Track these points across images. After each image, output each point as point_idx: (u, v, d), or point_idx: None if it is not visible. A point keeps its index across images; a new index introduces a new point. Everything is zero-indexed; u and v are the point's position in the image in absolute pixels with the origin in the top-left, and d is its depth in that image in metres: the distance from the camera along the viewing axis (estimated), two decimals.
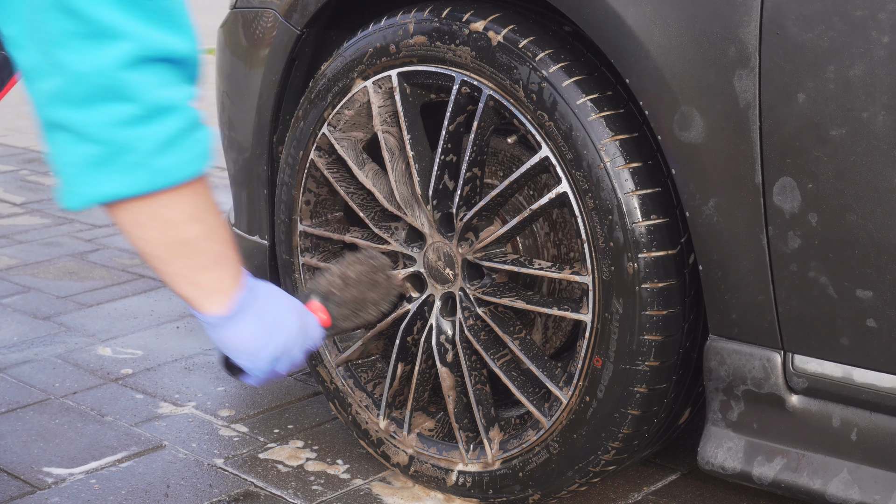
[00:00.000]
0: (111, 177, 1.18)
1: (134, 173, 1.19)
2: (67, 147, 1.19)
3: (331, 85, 2.05)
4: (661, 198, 1.72)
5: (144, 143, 1.18)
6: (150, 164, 1.19)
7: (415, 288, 2.05)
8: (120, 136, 1.17)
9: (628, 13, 1.63)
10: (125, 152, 1.18)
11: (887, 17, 1.42)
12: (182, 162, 1.22)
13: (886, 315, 1.51)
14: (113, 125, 1.17)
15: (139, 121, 1.18)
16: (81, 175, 1.19)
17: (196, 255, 1.28)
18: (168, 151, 1.20)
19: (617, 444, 1.80)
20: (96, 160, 1.18)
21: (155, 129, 1.19)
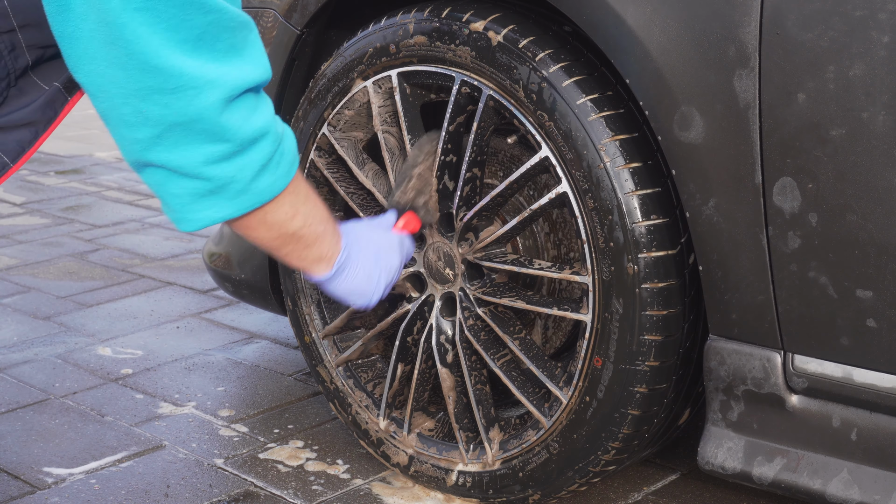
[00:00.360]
0: (217, 205, 1.30)
1: (239, 198, 1.30)
2: (169, 182, 1.29)
3: (331, 85, 2.05)
4: (661, 198, 1.72)
5: (245, 173, 1.28)
6: (253, 188, 1.30)
7: (415, 288, 2.05)
8: (220, 172, 1.26)
9: (628, 13, 1.63)
10: (228, 184, 1.28)
11: (887, 17, 1.42)
12: (279, 176, 1.33)
13: (886, 315, 1.51)
14: (211, 163, 1.26)
15: (237, 155, 1.27)
16: (189, 205, 1.30)
17: (299, 240, 1.45)
18: (266, 172, 1.31)
19: (617, 444, 1.80)
20: (201, 193, 1.28)
21: (252, 158, 1.28)
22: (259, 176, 1.31)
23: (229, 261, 2.45)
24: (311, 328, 2.19)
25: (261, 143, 1.29)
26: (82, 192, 4.54)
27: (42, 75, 1.48)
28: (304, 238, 1.46)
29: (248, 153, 1.28)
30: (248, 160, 1.28)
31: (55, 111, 1.64)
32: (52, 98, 1.53)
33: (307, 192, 1.44)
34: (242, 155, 1.27)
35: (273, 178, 1.33)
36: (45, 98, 1.58)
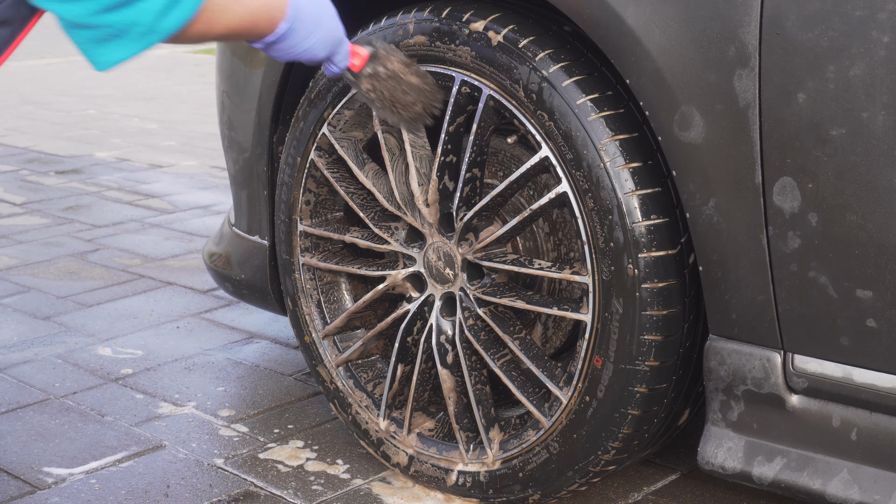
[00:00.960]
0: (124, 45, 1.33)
1: (145, 38, 1.34)
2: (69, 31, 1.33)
3: (331, 85, 2.05)
4: (661, 198, 1.72)
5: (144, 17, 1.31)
6: (158, 28, 1.33)
7: (415, 288, 2.05)
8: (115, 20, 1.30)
9: (628, 13, 1.63)
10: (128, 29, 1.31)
11: (887, 17, 1.42)
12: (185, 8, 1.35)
13: (886, 315, 1.51)
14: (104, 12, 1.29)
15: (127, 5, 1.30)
16: (94, 49, 1.34)
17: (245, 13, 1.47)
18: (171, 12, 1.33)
19: (617, 444, 1.80)
20: (103, 38, 1.32)
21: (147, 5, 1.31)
22: (164, 15, 1.32)
23: (229, 261, 2.45)
24: (311, 328, 2.19)
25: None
26: (82, 192, 4.54)
27: None
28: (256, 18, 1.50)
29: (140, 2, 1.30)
30: (144, 7, 1.30)
31: (31, 9, 1.64)
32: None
33: None
34: (133, 4, 1.29)
35: (180, 10, 1.34)
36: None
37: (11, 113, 6.45)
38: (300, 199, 2.14)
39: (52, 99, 7.13)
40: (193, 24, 1.38)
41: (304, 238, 2.16)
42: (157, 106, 6.81)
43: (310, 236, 2.16)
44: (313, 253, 2.17)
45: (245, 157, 2.31)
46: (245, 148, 2.30)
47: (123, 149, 5.46)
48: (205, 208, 4.26)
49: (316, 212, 2.16)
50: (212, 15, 1.41)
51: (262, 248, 2.31)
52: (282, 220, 2.19)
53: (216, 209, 4.23)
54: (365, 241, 2.08)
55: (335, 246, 2.19)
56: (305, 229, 2.15)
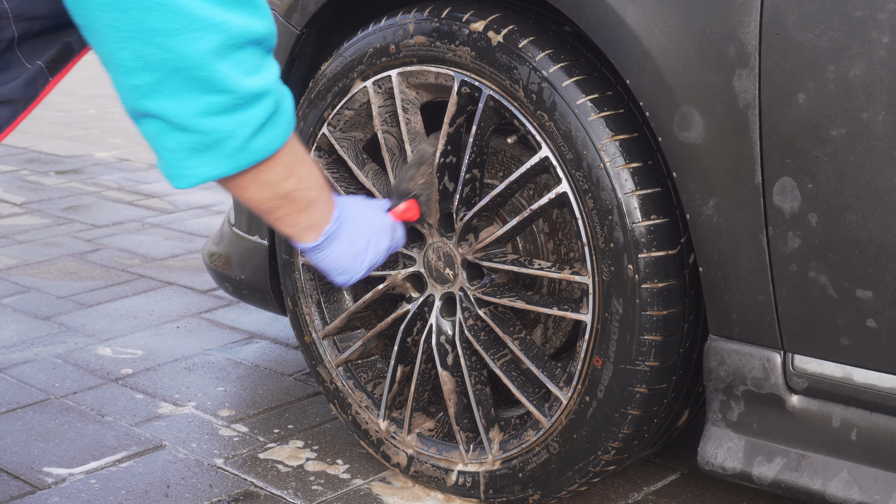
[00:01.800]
0: (213, 161, 1.26)
1: (235, 156, 1.27)
2: (164, 136, 1.25)
3: (331, 85, 2.05)
4: (661, 198, 1.72)
5: (243, 129, 1.25)
6: (249, 146, 1.27)
7: (415, 288, 2.05)
8: (217, 125, 1.23)
9: (628, 13, 1.63)
10: (225, 140, 1.25)
11: (887, 17, 1.42)
12: (276, 136, 1.30)
13: (886, 315, 1.51)
14: (209, 115, 1.23)
15: (236, 109, 1.24)
16: (183, 161, 1.26)
17: (292, 204, 1.42)
18: (265, 130, 1.27)
19: (617, 444, 1.80)
20: (196, 147, 1.25)
21: (252, 114, 1.25)
22: (258, 134, 1.27)
23: (229, 261, 2.45)
24: (311, 328, 2.19)
25: (262, 100, 1.26)
26: (82, 192, 4.54)
27: (26, 52, 1.44)
28: (297, 202, 1.43)
29: (247, 109, 1.25)
30: (248, 116, 1.25)
31: (35, 91, 1.62)
32: (33, 77, 1.51)
33: (303, 155, 1.41)
34: (242, 110, 1.24)
35: (271, 136, 1.29)
36: (27, 76, 1.55)
37: None
38: None
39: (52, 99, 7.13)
40: (274, 164, 1.34)
41: None
42: None
43: None
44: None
45: None
46: None
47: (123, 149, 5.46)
48: (205, 208, 4.26)
49: None
50: (291, 161, 1.37)
51: (261, 248, 2.31)
52: None
53: (216, 209, 4.23)
54: None
55: None
56: None
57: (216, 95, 1.22)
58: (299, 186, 1.41)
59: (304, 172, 1.41)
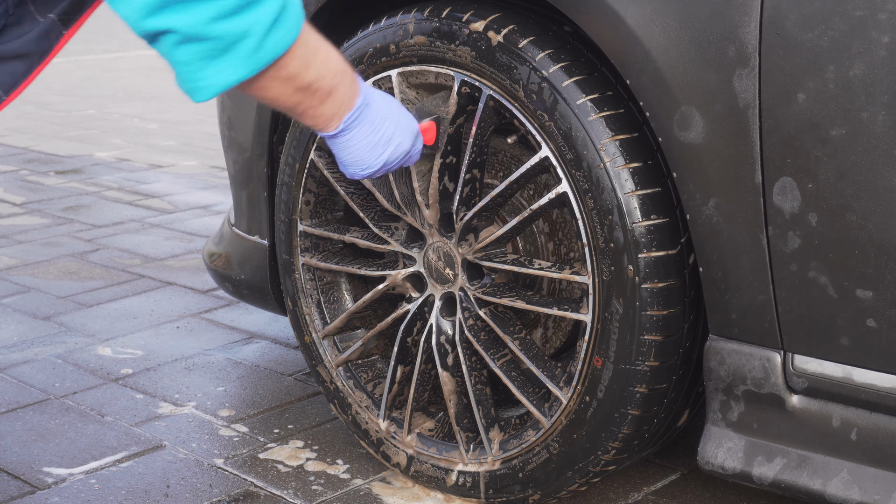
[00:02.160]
0: (231, 66, 1.25)
1: (252, 57, 1.25)
2: (178, 49, 1.23)
3: None
4: (661, 198, 1.72)
5: (256, 28, 1.24)
6: (265, 44, 1.25)
7: (415, 288, 2.05)
8: (231, 28, 1.22)
9: (628, 13, 1.63)
10: (240, 41, 1.23)
11: (887, 17, 1.42)
12: (289, 30, 1.28)
13: (886, 315, 1.51)
14: (221, 19, 1.21)
15: (244, 9, 1.22)
16: (201, 71, 1.25)
17: (315, 95, 1.41)
18: (277, 28, 1.25)
19: (617, 444, 1.80)
20: (212, 54, 1.23)
21: (263, 11, 1.23)
22: (271, 30, 1.26)
23: (229, 261, 2.45)
24: (311, 328, 2.19)
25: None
26: (82, 192, 4.54)
27: (38, 5, 1.44)
28: (319, 91, 1.42)
29: (258, 6, 1.23)
30: (260, 14, 1.24)
31: (50, 44, 1.62)
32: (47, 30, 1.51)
33: (317, 43, 1.38)
34: (252, 8, 1.23)
35: (284, 31, 1.27)
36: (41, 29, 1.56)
37: (11, 113, 6.44)
38: (300, 199, 2.14)
39: (52, 99, 7.13)
40: (290, 58, 1.33)
41: (304, 238, 2.16)
42: (157, 106, 6.81)
43: (310, 236, 2.16)
44: (313, 253, 2.17)
45: (245, 157, 2.31)
46: (245, 148, 2.30)
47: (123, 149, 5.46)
48: (205, 208, 4.26)
49: (316, 212, 2.16)
50: (306, 52, 1.35)
51: (262, 248, 2.31)
52: (282, 221, 2.19)
53: (216, 209, 4.23)
54: (365, 241, 2.08)
55: (335, 246, 2.19)
56: (305, 229, 2.15)
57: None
58: (319, 76, 1.39)
59: (320, 61, 1.39)
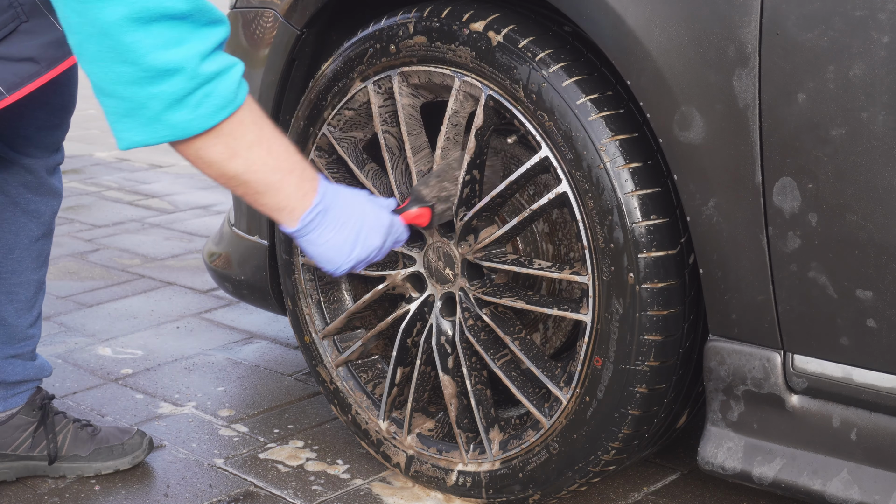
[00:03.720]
0: (135, 127, 1.30)
1: (152, 126, 1.29)
2: (98, 95, 1.31)
3: (331, 85, 2.05)
4: (661, 198, 1.72)
5: (153, 102, 1.27)
6: (165, 119, 1.29)
7: (415, 288, 2.05)
8: (131, 94, 1.27)
9: (628, 13, 1.63)
10: (139, 109, 1.28)
11: (887, 17, 1.42)
12: (200, 115, 1.31)
13: (886, 315, 1.51)
14: (121, 83, 1.27)
15: (143, 81, 1.26)
16: (115, 123, 1.31)
17: (246, 185, 1.43)
18: (180, 108, 1.29)
19: (617, 444, 1.80)
20: (121, 112, 1.29)
21: (161, 89, 1.27)
22: (172, 109, 1.29)
23: (229, 261, 2.45)
24: (311, 328, 2.19)
25: (174, 77, 1.27)
26: (82, 192, 4.54)
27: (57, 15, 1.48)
28: (251, 184, 1.43)
29: (157, 83, 1.27)
30: (158, 90, 1.27)
31: (64, 53, 1.65)
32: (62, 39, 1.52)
33: (254, 140, 1.40)
34: (151, 83, 1.27)
35: (191, 116, 1.30)
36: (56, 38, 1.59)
37: None
38: None
39: None
40: (209, 144, 1.36)
41: None
42: None
43: None
44: None
45: None
46: None
47: None
48: (205, 208, 4.26)
49: None
50: (233, 143, 1.37)
51: (262, 248, 2.31)
52: None
53: (216, 209, 4.23)
54: None
55: None
56: None
57: (125, 66, 1.25)
58: (249, 169, 1.41)
59: (253, 156, 1.40)
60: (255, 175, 1.42)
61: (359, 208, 1.61)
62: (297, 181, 1.48)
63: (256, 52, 2.21)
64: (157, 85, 1.27)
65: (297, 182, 1.48)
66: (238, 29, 2.27)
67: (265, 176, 1.44)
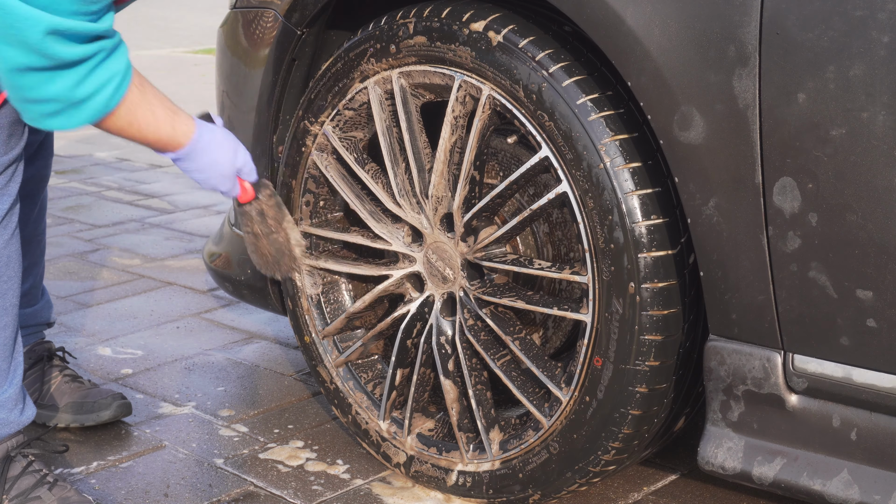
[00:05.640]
0: (27, 118, 1.70)
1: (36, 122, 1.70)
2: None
3: (331, 85, 2.05)
4: (661, 198, 1.72)
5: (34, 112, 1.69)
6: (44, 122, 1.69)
7: (415, 288, 2.05)
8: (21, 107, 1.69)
9: (628, 13, 1.63)
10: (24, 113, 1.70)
11: (887, 17, 1.42)
12: (73, 122, 1.69)
13: (886, 315, 1.51)
14: (13, 100, 1.68)
15: (27, 103, 1.68)
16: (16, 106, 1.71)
17: (139, 138, 1.83)
18: (55, 118, 1.68)
19: (617, 444, 1.80)
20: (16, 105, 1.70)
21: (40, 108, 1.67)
22: (48, 118, 1.68)
23: (229, 261, 2.45)
24: (311, 328, 2.19)
25: (49, 103, 1.66)
26: (82, 192, 4.54)
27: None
28: (150, 139, 1.83)
29: (37, 105, 1.67)
30: (38, 108, 1.67)
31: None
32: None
33: (141, 111, 1.77)
34: (33, 104, 1.66)
35: (66, 122, 1.68)
36: None
37: None
38: (300, 199, 2.14)
39: None
40: (113, 118, 1.74)
41: (304, 238, 2.16)
42: None
43: (309, 236, 2.16)
44: (313, 253, 2.17)
45: None
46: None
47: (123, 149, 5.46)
48: (205, 208, 4.26)
49: (315, 212, 2.16)
50: (127, 116, 1.76)
51: None
52: None
53: (216, 209, 4.23)
54: (365, 241, 2.08)
55: (335, 246, 2.19)
56: (305, 229, 2.15)
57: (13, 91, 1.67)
58: (143, 132, 1.80)
59: (141, 119, 1.79)
60: (149, 131, 1.82)
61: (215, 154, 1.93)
62: (175, 124, 1.85)
63: (256, 52, 2.21)
64: (38, 106, 1.67)
65: (177, 124, 1.85)
66: (238, 29, 2.27)
67: (156, 130, 1.82)
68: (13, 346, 1.94)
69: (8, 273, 1.91)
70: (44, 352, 2.35)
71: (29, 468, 1.98)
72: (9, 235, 1.90)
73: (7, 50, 1.59)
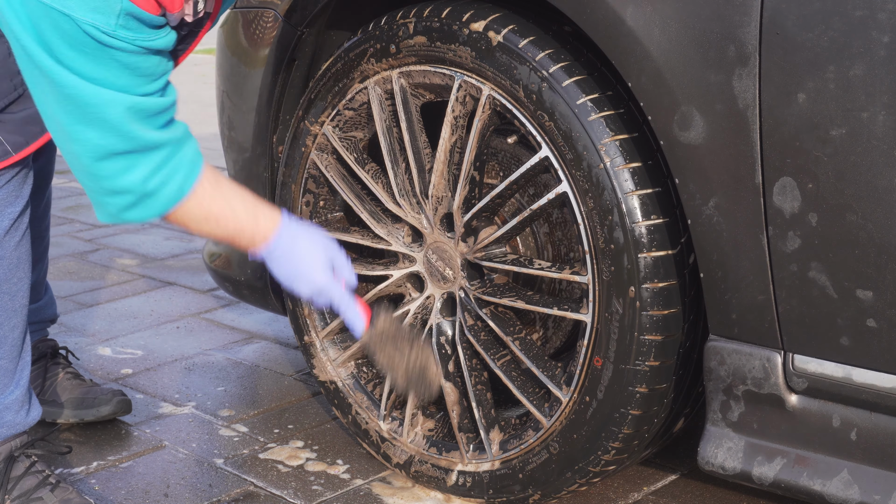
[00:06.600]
0: (101, 214, 1.64)
1: (112, 217, 1.65)
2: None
3: (331, 85, 2.05)
4: (661, 198, 1.72)
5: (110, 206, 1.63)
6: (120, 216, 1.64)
7: (415, 288, 2.05)
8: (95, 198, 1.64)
9: (628, 13, 1.63)
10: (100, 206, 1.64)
11: (887, 17, 1.42)
12: (147, 214, 1.63)
13: (886, 315, 1.51)
14: (89, 191, 1.64)
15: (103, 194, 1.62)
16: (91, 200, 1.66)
17: (220, 234, 1.72)
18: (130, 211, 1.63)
19: (617, 444, 1.80)
20: (92, 200, 1.64)
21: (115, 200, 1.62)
22: (124, 211, 1.62)
23: (229, 261, 2.45)
24: (311, 328, 2.19)
25: (124, 195, 1.60)
26: (82, 192, 4.54)
27: None
28: (225, 233, 1.71)
29: (112, 197, 1.61)
30: (113, 200, 1.61)
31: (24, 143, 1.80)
32: None
33: (216, 203, 1.68)
34: (108, 196, 1.61)
35: (140, 215, 1.63)
36: None
37: None
38: (300, 199, 2.14)
39: None
40: (185, 210, 1.66)
41: None
42: None
43: None
44: None
45: (245, 157, 2.31)
46: (245, 148, 2.30)
47: None
48: None
49: (315, 212, 2.16)
50: (199, 208, 1.67)
51: None
52: None
53: None
54: (365, 241, 2.08)
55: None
56: None
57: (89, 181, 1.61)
58: (216, 226, 1.70)
59: (217, 214, 1.69)
60: (225, 226, 1.71)
61: (299, 255, 1.76)
62: (256, 222, 1.73)
63: (256, 52, 2.21)
64: (115, 198, 1.60)
65: (258, 222, 1.73)
66: (238, 29, 2.27)
67: (233, 225, 1.71)
68: (21, 348, 1.95)
69: (18, 275, 1.91)
70: (47, 349, 2.36)
71: (32, 469, 1.98)
72: (19, 238, 1.90)
73: (89, 132, 1.54)
